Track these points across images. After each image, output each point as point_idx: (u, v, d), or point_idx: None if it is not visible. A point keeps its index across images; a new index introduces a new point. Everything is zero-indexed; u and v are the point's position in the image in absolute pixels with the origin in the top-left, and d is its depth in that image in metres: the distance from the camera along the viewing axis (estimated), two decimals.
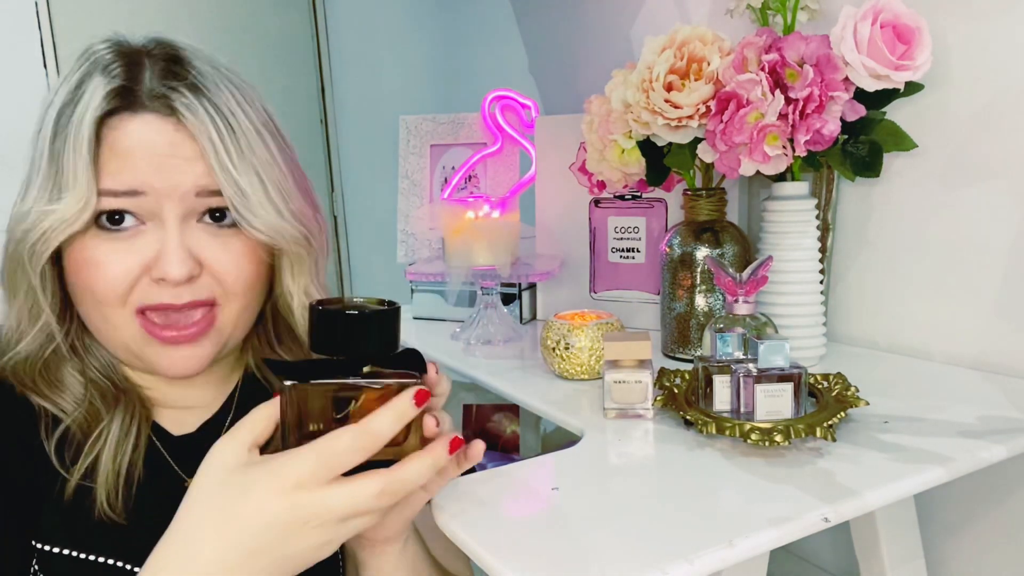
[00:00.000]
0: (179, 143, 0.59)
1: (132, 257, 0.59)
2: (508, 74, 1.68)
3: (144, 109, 0.59)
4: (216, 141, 0.59)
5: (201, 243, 0.61)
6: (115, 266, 0.59)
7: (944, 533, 0.88)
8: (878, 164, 0.81)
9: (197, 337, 0.62)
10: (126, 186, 0.58)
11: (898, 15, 0.75)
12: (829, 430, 0.61)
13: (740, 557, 0.48)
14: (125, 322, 0.61)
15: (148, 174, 0.58)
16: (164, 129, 0.59)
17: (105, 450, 0.62)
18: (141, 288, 0.60)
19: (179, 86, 0.59)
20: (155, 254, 0.59)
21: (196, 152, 0.59)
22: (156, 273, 0.59)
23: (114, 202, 0.58)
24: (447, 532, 0.53)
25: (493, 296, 1.10)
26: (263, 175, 0.61)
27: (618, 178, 0.97)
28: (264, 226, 0.61)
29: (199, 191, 0.60)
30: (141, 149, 0.58)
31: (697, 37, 0.83)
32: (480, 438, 0.56)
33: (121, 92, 0.59)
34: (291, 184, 0.64)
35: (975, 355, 0.83)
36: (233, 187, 0.59)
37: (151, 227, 0.60)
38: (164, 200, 0.59)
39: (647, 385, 0.72)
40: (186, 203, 0.60)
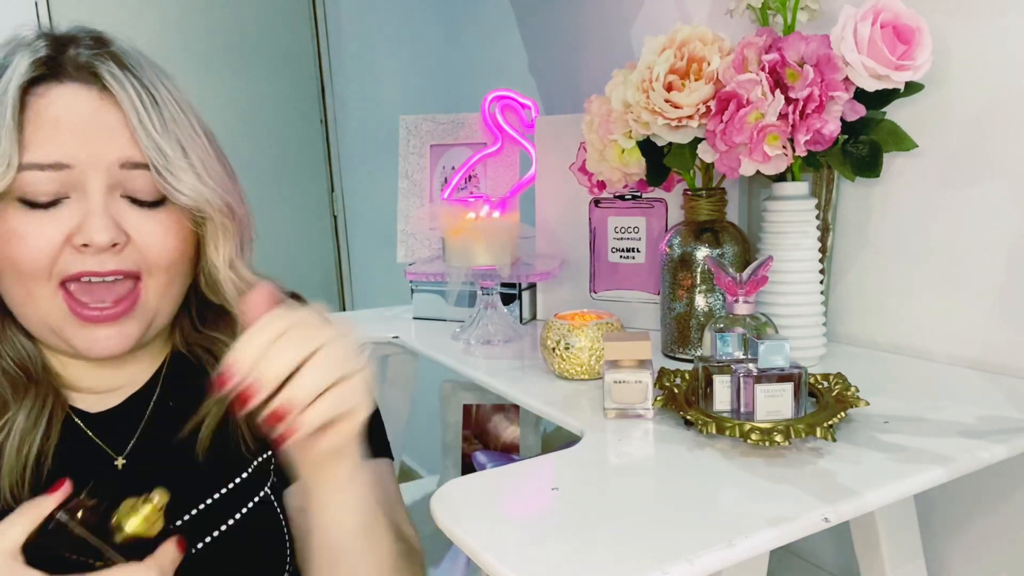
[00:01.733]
0: (103, 111, 0.60)
1: (55, 227, 0.59)
2: (508, 74, 1.68)
3: (69, 78, 0.60)
4: (140, 110, 0.60)
5: (125, 215, 0.61)
6: (38, 236, 0.58)
7: (944, 533, 0.88)
8: (878, 164, 0.81)
9: (120, 316, 0.62)
10: (52, 159, 0.58)
11: (898, 15, 0.75)
12: (829, 430, 0.61)
13: (740, 557, 0.48)
14: (47, 297, 0.60)
15: (73, 146, 0.58)
16: (89, 97, 0.60)
17: (8, 442, 0.61)
18: (65, 257, 0.59)
19: (107, 59, 0.60)
20: (79, 222, 0.59)
21: (120, 122, 0.60)
22: (80, 239, 0.59)
23: (39, 177, 0.58)
24: (447, 532, 0.53)
25: (493, 296, 1.10)
26: (185, 145, 0.62)
27: (618, 178, 0.97)
28: (188, 190, 0.61)
29: (123, 163, 0.60)
30: (66, 118, 0.59)
31: (697, 37, 0.83)
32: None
33: (46, 62, 0.60)
34: (213, 157, 0.65)
35: (975, 355, 0.83)
36: (156, 152, 0.60)
37: (74, 198, 0.60)
38: (89, 171, 0.59)
39: (647, 385, 0.72)
40: (111, 175, 0.60)
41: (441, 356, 1.04)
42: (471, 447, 1.42)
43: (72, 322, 0.61)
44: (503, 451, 1.41)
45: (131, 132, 0.60)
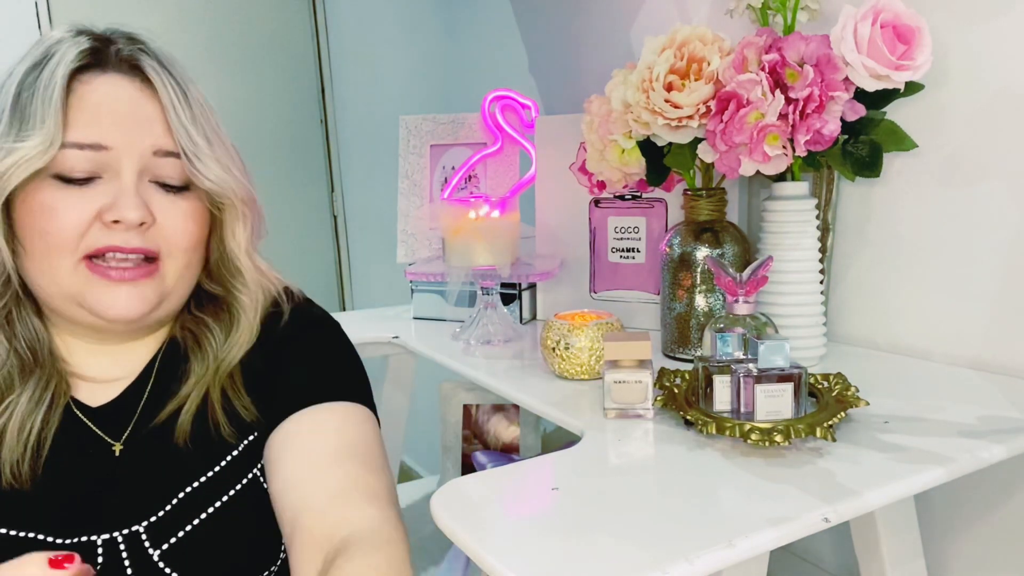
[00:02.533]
0: (142, 102, 0.65)
1: (87, 204, 0.62)
2: (508, 74, 1.68)
3: (112, 68, 0.65)
4: (176, 102, 0.65)
5: (152, 199, 0.65)
6: (70, 211, 0.62)
7: (944, 533, 0.88)
8: (878, 164, 0.81)
9: (140, 279, 0.65)
10: (91, 139, 0.62)
11: (898, 15, 0.75)
12: (829, 430, 0.61)
13: (740, 557, 0.48)
14: (71, 269, 0.63)
15: (112, 130, 0.63)
16: (130, 87, 0.65)
17: (11, 422, 0.64)
18: (93, 233, 0.63)
19: (146, 55, 0.66)
20: (110, 201, 0.63)
21: (156, 112, 0.65)
22: (111, 215, 0.62)
23: (78, 155, 0.62)
24: (447, 532, 0.53)
25: (493, 296, 1.10)
26: (211, 139, 0.67)
27: (618, 178, 0.97)
28: (215, 176, 0.66)
29: (156, 150, 0.65)
30: (107, 105, 0.63)
31: (697, 37, 0.83)
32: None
33: (92, 52, 0.64)
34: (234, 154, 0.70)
35: (975, 355, 0.83)
36: (188, 140, 0.65)
37: (107, 178, 0.64)
38: (124, 155, 0.63)
39: (647, 385, 0.72)
40: (143, 161, 0.64)
41: (441, 356, 1.04)
42: (471, 447, 1.42)
43: (94, 283, 0.64)
44: (503, 451, 1.41)
45: (166, 122, 0.65)
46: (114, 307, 0.64)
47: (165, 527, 0.65)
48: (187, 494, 0.66)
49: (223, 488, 0.68)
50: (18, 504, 0.63)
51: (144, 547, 0.64)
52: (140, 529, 0.64)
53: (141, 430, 0.69)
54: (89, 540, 0.63)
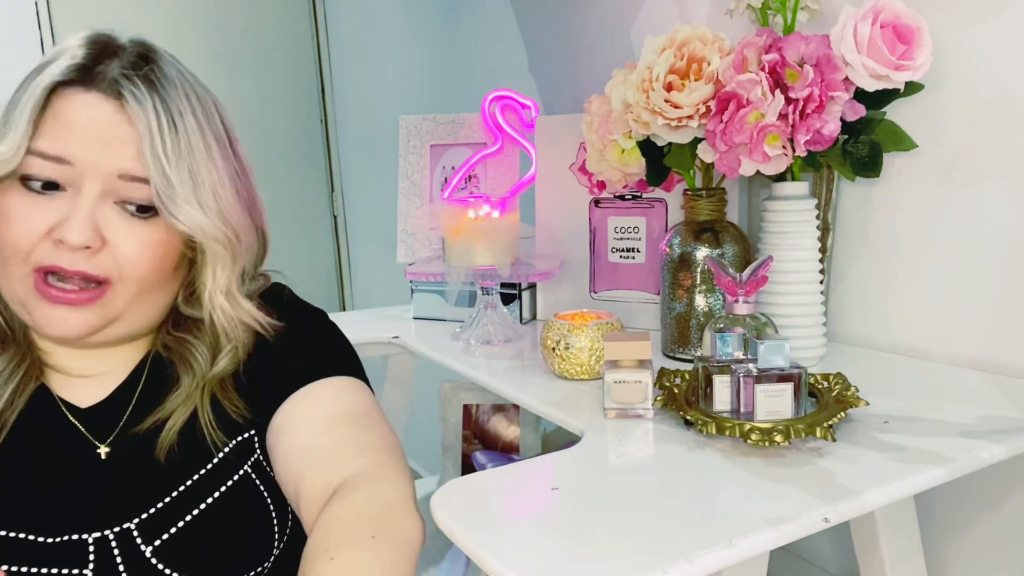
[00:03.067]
0: (117, 124, 0.63)
1: (41, 217, 0.62)
2: (508, 74, 1.68)
3: (95, 88, 0.63)
4: (155, 131, 0.62)
5: (110, 222, 0.63)
6: (23, 222, 0.62)
7: (944, 533, 0.88)
8: (878, 164, 0.81)
9: (78, 303, 0.64)
10: (55, 152, 0.61)
11: (898, 15, 0.75)
12: (829, 430, 0.61)
13: (740, 557, 0.48)
14: (22, 277, 0.63)
15: (78, 147, 0.62)
16: (106, 108, 0.63)
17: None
18: (43, 248, 0.62)
19: (135, 76, 0.63)
20: (60, 218, 0.62)
21: (131, 137, 0.63)
22: (56, 234, 0.61)
23: (41, 164, 0.61)
24: (447, 532, 0.53)
25: (493, 296, 1.10)
26: (196, 175, 0.64)
27: (618, 178, 0.97)
28: (185, 218, 0.64)
29: (122, 174, 0.63)
30: (79, 122, 0.62)
31: (697, 37, 0.83)
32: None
33: (79, 68, 0.63)
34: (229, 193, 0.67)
35: (975, 355, 0.83)
36: (160, 175, 0.63)
37: (69, 193, 0.63)
38: (87, 173, 0.62)
39: (647, 385, 0.72)
40: (108, 183, 0.63)
41: (441, 356, 1.04)
42: (471, 447, 1.42)
43: (35, 298, 0.63)
44: (503, 451, 1.41)
45: (139, 150, 0.62)
46: (50, 326, 0.64)
47: (157, 524, 0.65)
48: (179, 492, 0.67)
49: (214, 485, 0.68)
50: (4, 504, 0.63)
51: (136, 544, 0.64)
52: (131, 526, 0.64)
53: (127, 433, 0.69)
54: (80, 539, 0.63)
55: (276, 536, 0.69)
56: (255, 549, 0.68)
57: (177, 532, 0.65)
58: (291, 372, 0.71)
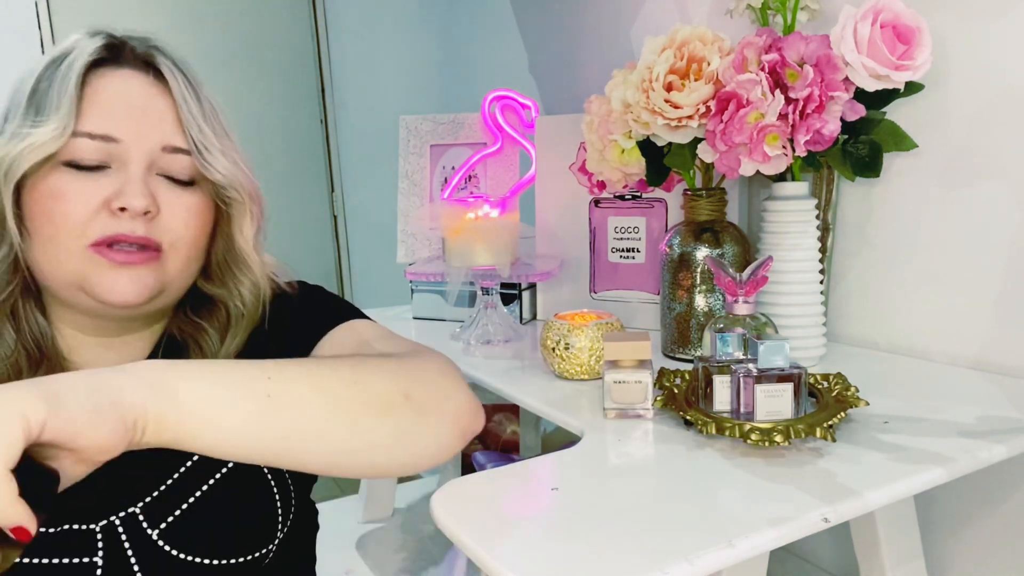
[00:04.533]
0: (155, 97, 0.66)
1: (95, 191, 0.64)
2: (508, 74, 1.68)
3: (128, 64, 0.67)
4: (187, 97, 0.67)
5: (159, 190, 0.66)
6: (78, 196, 0.63)
7: (944, 533, 0.88)
8: (878, 164, 0.81)
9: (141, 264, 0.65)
10: (102, 130, 0.64)
11: (898, 15, 0.75)
12: (829, 430, 0.61)
13: (740, 557, 0.48)
14: (76, 254, 0.64)
15: (123, 124, 0.64)
16: (144, 83, 0.66)
17: None
18: (99, 220, 0.64)
19: (160, 55, 0.68)
20: (116, 190, 0.64)
21: (168, 109, 0.66)
22: (117, 203, 0.63)
23: (88, 144, 0.63)
24: (447, 532, 0.53)
25: (493, 296, 1.10)
26: (219, 135, 0.69)
27: (618, 178, 0.97)
28: (224, 170, 0.68)
29: (165, 146, 0.66)
30: (120, 99, 0.65)
31: (697, 37, 0.83)
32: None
33: (109, 47, 0.66)
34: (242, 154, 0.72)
35: (975, 355, 0.83)
36: (200, 135, 0.67)
37: (115, 168, 0.65)
38: (133, 148, 0.64)
39: (647, 385, 0.72)
40: (152, 155, 0.66)
41: None
42: (471, 447, 1.42)
43: (98, 265, 0.64)
44: (503, 451, 1.41)
45: (177, 119, 0.67)
46: (114, 291, 0.65)
47: (162, 506, 0.65)
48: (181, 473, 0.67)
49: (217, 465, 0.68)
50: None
51: (142, 527, 0.64)
52: (136, 510, 0.65)
53: None
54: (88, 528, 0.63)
55: (280, 516, 0.70)
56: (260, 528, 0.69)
57: (182, 513, 0.65)
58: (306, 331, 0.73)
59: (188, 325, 0.74)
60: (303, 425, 0.53)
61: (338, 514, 1.44)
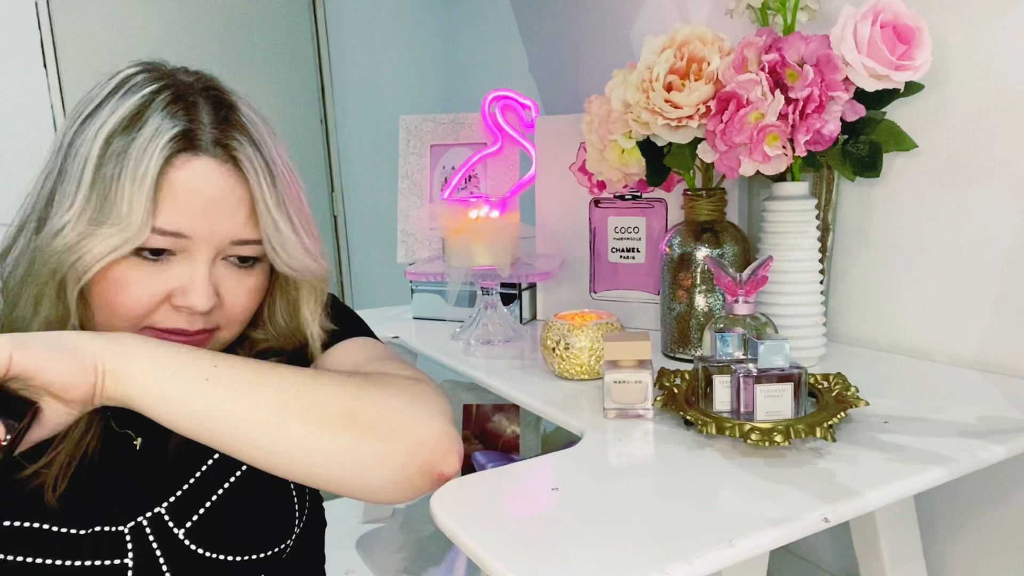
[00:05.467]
0: (230, 190, 0.63)
1: (159, 284, 0.62)
2: (508, 74, 1.68)
3: (206, 153, 0.62)
4: (264, 187, 0.63)
5: (222, 279, 0.65)
6: (142, 289, 0.62)
7: (944, 533, 0.88)
8: (878, 164, 0.81)
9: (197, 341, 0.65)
10: (175, 228, 0.61)
11: (898, 15, 0.75)
12: (829, 430, 0.61)
13: (740, 557, 0.48)
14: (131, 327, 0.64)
15: (197, 220, 0.61)
16: (221, 173, 0.62)
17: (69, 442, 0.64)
18: (161, 311, 0.63)
19: (236, 134, 0.63)
20: (181, 284, 0.62)
21: (243, 200, 0.63)
22: (181, 301, 0.62)
23: (159, 239, 0.61)
24: (447, 532, 0.53)
25: (493, 296, 1.10)
26: (294, 217, 0.66)
27: (618, 178, 0.97)
28: (299, 265, 0.67)
29: (235, 239, 0.64)
30: (198, 195, 0.61)
31: (697, 37, 0.83)
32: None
33: (186, 134, 0.61)
34: (309, 216, 0.69)
35: (975, 355, 0.83)
36: (274, 231, 0.64)
37: (181, 258, 0.63)
38: (202, 243, 0.62)
39: (647, 385, 0.72)
40: (220, 248, 0.64)
41: (441, 356, 1.04)
42: (471, 447, 1.42)
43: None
44: (503, 451, 1.41)
45: (252, 211, 0.63)
46: None
47: (186, 505, 0.66)
48: (203, 472, 0.68)
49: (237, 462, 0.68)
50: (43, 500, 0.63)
51: (168, 527, 0.65)
52: (162, 511, 0.65)
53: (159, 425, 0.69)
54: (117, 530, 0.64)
55: (297, 512, 0.71)
56: (280, 523, 0.69)
57: (206, 512, 0.66)
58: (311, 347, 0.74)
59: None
60: (234, 413, 0.56)
61: (338, 514, 1.44)
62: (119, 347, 0.55)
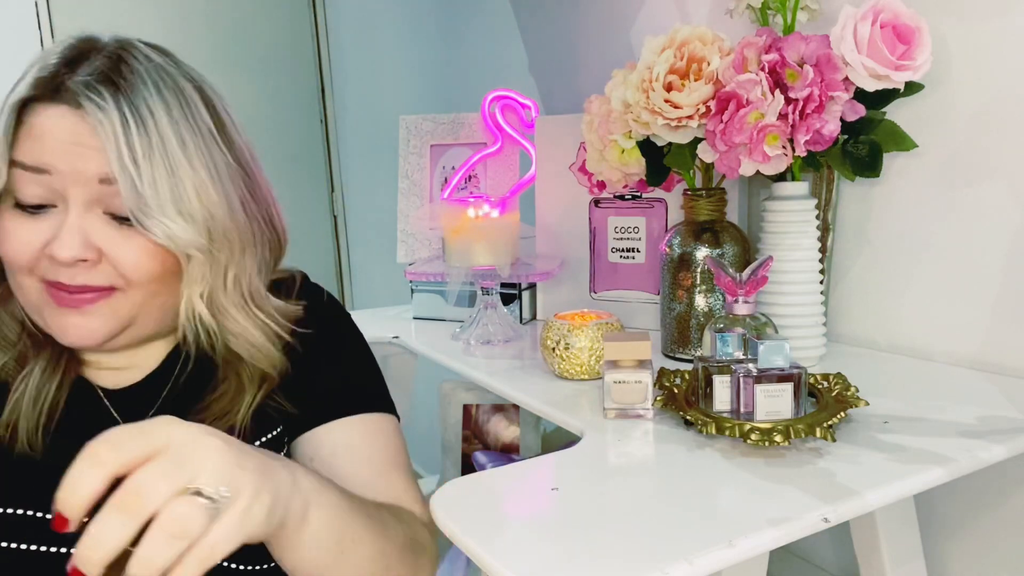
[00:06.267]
0: (84, 133, 0.61)
1: (35, 234, 0.62)
2: (508, 74, 1.68)
3: (59, 100, 0.61)
4: (120, 137, 0.60)
5: (102, 232, 0.62)
6: (20, 239, 0.62)
7: (944, 533, 0.88)
8: (878, 164, 0.81)
9: (87, 305, 0.63)
10: (34, 161, 0.61)
11: (898, 15, 0.75)
12: (829, 430, 0.61)
13: (740, 557, 0.48)
14: (32, 287, 0.64)
15: (55, 156, 0.61)
16: (74, 119, 0.61)
17: (26, 393, 0.65)
18: (43, 264, 0.62)
19: (96, 83, 0.61)
20: (53, 234, 0.61)
21: (102, 145, 0.61)
22: (49, 250, 0.61)
23: (26, 177, 0.61)
24: (447, 532, 0.53)
25: (493, 296, 1.10)
26: (173, 178, 0.62)
27: (618, 178, 0.97)
28: (159, 229, 0.61)
29: (102, 178, 0.61)
30: (51, 134, 0.61)
31: (697, 37, 0.83)
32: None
33: (45, 81, 0.62)
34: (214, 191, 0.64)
35: (975, 355, 0.83)
36: (130, 187, 0.60)
37: (58, 210, 0.62)
38: (69, 183, 0.61)
39: (647, 385, 0.72)
40: (91, 190, 0.61)
41: (441, 356, 1.04)
42: (471, 447, 1.42)
43: (49, 306, 0.64)
44: (503, 451, 1.41)
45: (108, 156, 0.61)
46: (66, 335, 0.64)
47: None
48: None
49: None
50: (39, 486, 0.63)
51: None
52: None
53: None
54: None
55: None
56: None
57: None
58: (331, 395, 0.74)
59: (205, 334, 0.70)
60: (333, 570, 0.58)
61: None
62: (305, 504, 0.54)
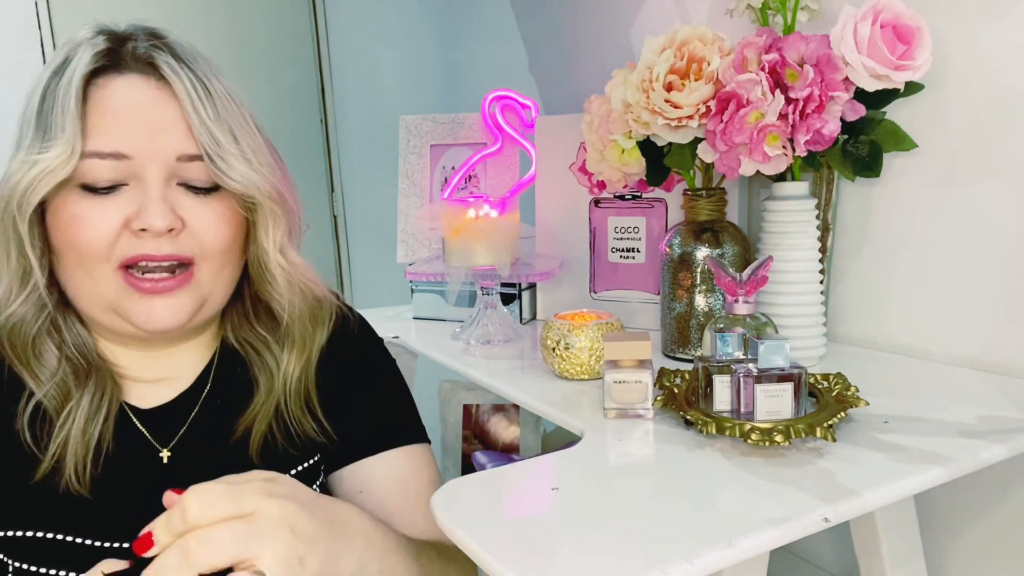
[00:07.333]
0: (161, 102, 0.62)
1: (114, 212, 0.61)
2: (508, 74, 1.68)
3: (129, 69, 0.63)
4: (195, 99, 0.62)
5: (181, 203, 0.64)
6: (98, 221, 0.61)
7: (944, 533, 0.88)
8: (878, 164, 0.81)
9: (174, 289, 0.64)
10: (111, 148, 0.61)
11: (898, 15, 0.75)
12: (829, 430, 0.61)
13: (740, 557, 0.48)
14: (107, 277, 0.63)
15: (133, 138, 0.61)
16: (147, 87, 0.63)
17: (74, 427, 0.64)
18: (123, 241, 0.62)
19: (162, 50, 0.63)
20: (137, 208, 0.61)
21: (177, 113, 0.63)
22: (138, 223, 0.61)
23: (100, 164, 0.61)
24: (447, 532, 0.53)
25: (493, 296, 1.10)
26: (236, 134, 0.65)
27: (618, 178, 0.97)
28: (239, 176, 0.64)
29: (180, 156, 0.63)
30: (126, 110, 0.61)
31: (697, 37, 0.82)
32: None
33: (108, 53, 0.63)
34: (263, 147, 0.68)
35: (975, 355, 0.83)
36: (210, 140, 0.63)
37: (133, 185, 0.62)
38: (147, 162, 0.61)
39: (647, 385, 0.71)
40: (168, 167, 0.62)
41: (441, 356, 1.04)
42: (471, 447, 1.42)
43: (130, 295, 0.63)
44: (503, 451, 1.41)
45: (187, 123, 0.63)
46: (151, 320, 0.64)
47: None
48: None
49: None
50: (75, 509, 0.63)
51: None
52: None
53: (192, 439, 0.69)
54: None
55: None
56: None
57: None
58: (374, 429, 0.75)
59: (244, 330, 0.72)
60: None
61: None
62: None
